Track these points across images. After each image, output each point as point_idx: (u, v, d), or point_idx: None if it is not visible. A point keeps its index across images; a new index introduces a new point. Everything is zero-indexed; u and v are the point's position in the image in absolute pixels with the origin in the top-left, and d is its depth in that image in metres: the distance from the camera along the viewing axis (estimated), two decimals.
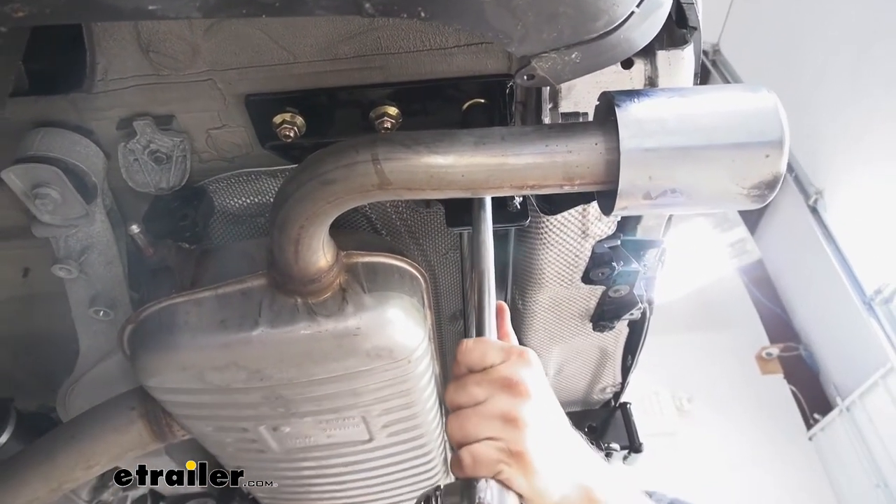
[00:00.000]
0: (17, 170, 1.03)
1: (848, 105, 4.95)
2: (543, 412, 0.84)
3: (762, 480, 5.52)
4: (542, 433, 0.82)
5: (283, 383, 1.09)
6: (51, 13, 0.54)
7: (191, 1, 0.56)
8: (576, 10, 0.68)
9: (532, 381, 0.84)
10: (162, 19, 0.58)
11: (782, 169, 0.80)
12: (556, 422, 0.86)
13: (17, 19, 0.54)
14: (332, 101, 1.06)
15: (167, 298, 1.07)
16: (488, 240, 0.98)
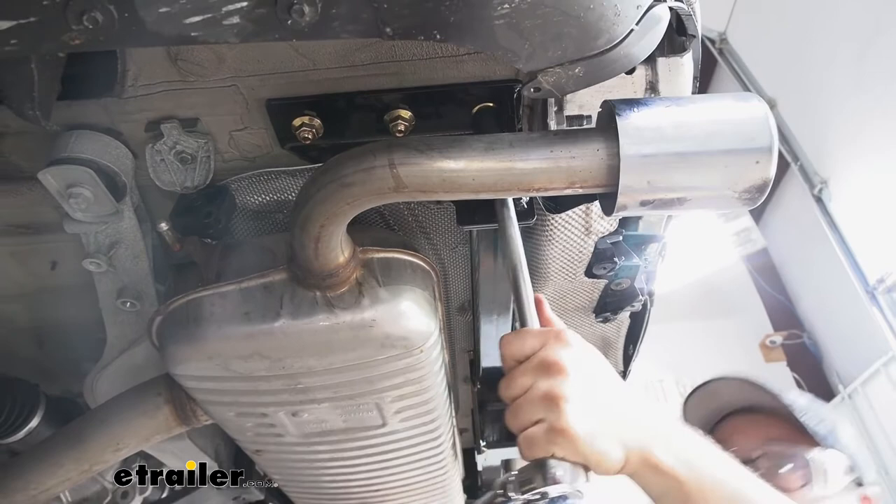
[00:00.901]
0: (52, 171, 1.09)
1: (853, 95, 4.96)
2: (585, 384, 0.88)
3: None
4: (585, 405, 0.86)
5: (303, 372, 1.16)
6: (104, 40, 0.60)
7: (229, 28, 0.62)
8: (579, 31, 0.73)
9: (570, 358, 0.89)
10: (203, 44, 0.64)
11: (772, 174, 0.86)
12: (603, 389, 0.90)
13: (73, 46, 0.60)
14: (348, 104, 1.11)
15: (194, 291, 1.13)
16: (516, 235, 1.04)
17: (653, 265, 1.39)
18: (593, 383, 0.89)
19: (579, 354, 0.91)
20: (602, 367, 0.93)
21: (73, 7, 0.58)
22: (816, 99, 5.35)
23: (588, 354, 0.93)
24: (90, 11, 0.58)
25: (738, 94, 0.90)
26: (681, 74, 1.11)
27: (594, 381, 0.90)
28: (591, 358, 0.92)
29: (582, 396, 0.87)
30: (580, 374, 0.88)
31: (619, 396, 0.91)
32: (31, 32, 0.59)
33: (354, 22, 0.65)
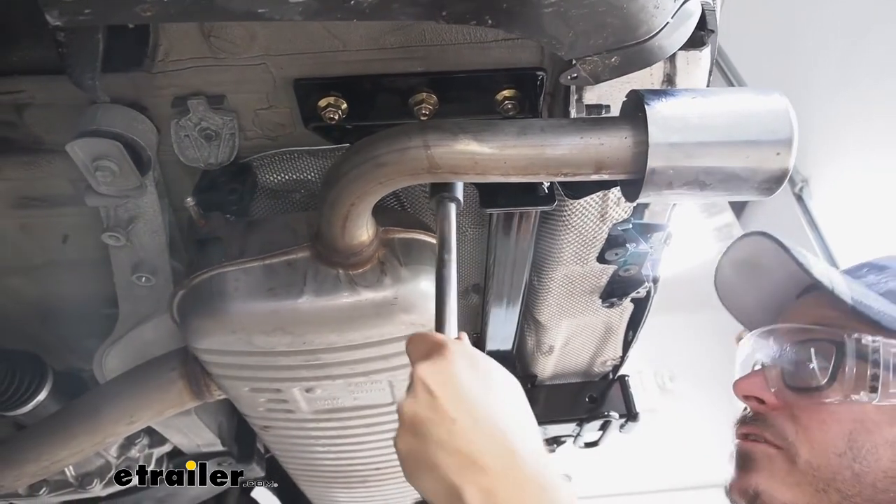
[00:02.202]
0: (80, 143, 1.10)
1: (836, 94, 5.06)
2: (434, 405, 0.75)
3: None
4: (420, 426, 0.74)
5: (323, 348, 1.19)
6: (174, 13, 0.62)
7: (294, 6, 0.64)
8: (621, 21, 0.77)
9: (433, 374, 0.77)
10: (269, 21, 0.66)
11: (790, 165, 0.90)
12: (455, 413, 0.73)
13: (145, 18, 0.62)
14: (374, 86, 1.13)
15: (218, 266, 1.15)
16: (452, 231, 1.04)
17: (658, 253, 1.44)
18: (446, 406, 0.74)
19: (450, 372, 0.77)
20: (472, 390, 0.76)
21: None
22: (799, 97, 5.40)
23: (461, 375, 0.77)
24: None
25: (760, 88, 0.95)
26: (698, 68, 1.15)
27: (450, 403, 0.74)
28: (462, 379, 0.76)
29: (421, 418, 0.74)
30: (434, 393, 0.75)
31: (472, 425, 0.73)
32: (104, 2, 0.61)
33: (413, 4, 0.67)
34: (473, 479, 0.69)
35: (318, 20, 0.65)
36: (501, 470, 0.70)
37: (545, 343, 1.67)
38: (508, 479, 0.69)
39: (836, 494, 0.85)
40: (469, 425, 0.72)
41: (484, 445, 0.71)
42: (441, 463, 0.71)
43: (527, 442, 0.74)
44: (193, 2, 0.61)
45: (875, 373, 0.85)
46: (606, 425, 1.81)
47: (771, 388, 0.97)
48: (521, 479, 0.70)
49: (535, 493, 0.69)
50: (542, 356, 1.73)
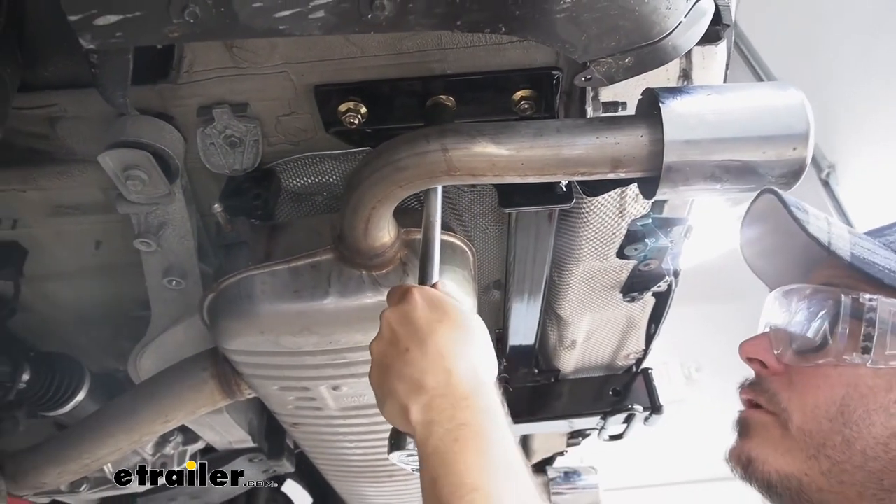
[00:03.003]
0: (111, 154, 1.14)
1: (862, 79, 4.96)
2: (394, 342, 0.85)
3: None
4: (384, 341, 0.85)
5: (349, 347, 1.22)
6: (200, 33, 0.65)
7: (314, 22, 0.66)
8: (633, 23, 0.78)
9: (394, 317, 0.87)
10: (289, 36, 0.68)
11: (808, 160, 0.91)
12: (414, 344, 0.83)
13: (172, 38, 0.65)
14: (393, 91, 1.16)
15: (245, 270, 1.18)
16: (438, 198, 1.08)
17: (678, 247, 1.44)
18: (401, 339, 0.84)
19: (408, 311, 0.87)
20: (425, 325, 0.84)
21: (176, 3, 0.62)
22: (825, 82, 5.35)
23: (417, 313, 0.86)
24: (191, 6, 0.62)
25: (775, 83, 0.95)
26: (714, 63, 1.15)
27: (405, 336, 0.84)
28: (417, 316, 0.86)
29: (383, 353, 0.85)
30: (394, 331, 0.86)
31: (421, 354, 0.82)
32: (135, 26, 0.64)
33: (429, 16, 0.69)
34: (417, 399, 0.79)
35: (337, 34, 0.67)
36: (438, 388, 0.79)
37: (567, 337, 1.69)
38: (445, 396, 0.78)
39: (827, 461, 0.81)
40: (418, 354, 0.82)
41: (427, 369, 0.80)
42: (397, 388, 0.81)
43: (465, 365, 0.81)
44: (218, 22, 0.64)
45: (869, 332, 0.81)
46: (630, 418, 1.82)
47: (775, 351, 0.93)
48: (455, 396, 0.78)
49: (466, 406, 0.77)
50: (564, 350, 1.74)
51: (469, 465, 0.72)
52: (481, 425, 0.75)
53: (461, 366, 0.81)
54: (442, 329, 0.84)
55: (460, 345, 0.84)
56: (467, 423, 0.75)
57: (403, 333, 0.85)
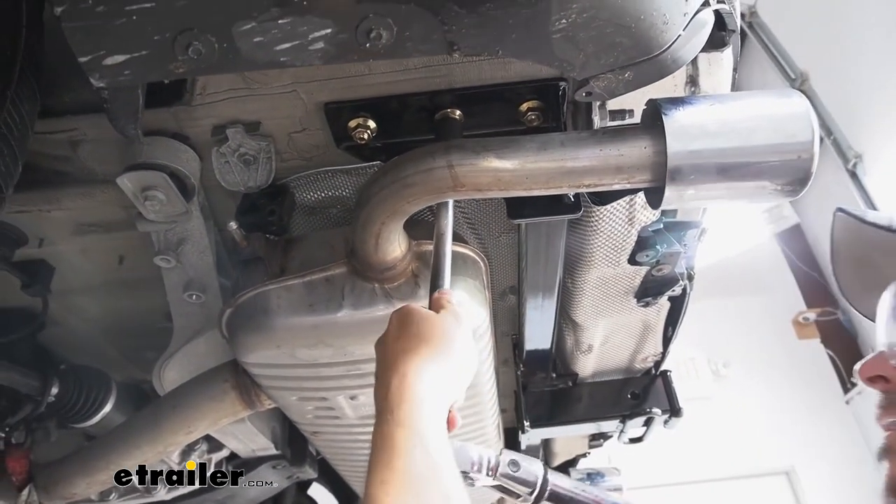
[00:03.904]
0: (130, 176, 1.17)
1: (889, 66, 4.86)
2: None
3: (798, 444, 5.60)
4: None
5: (364, 358, 1.24)
6: (205, 68, 0.67)
7: (314, 52, 0.68)
8: (630, 39, 0.79)
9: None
10: (291, 67, 0.70)
11: (813, 168, 0.90)
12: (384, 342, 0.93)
13: (178, 74, 0.67)
14: (401, 106, 1.17)
15: (261, 285, 1.21)
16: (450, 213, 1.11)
17: (692, 250, 1.44)
18: (382, 354, 0.93)
19: (391, 323, 0.96)
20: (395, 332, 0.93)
21: (180, 41, 0.65)
22: (850, 71, 5.25)
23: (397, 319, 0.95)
24: (194, 43, 0.65)
25: (779, 91, 0.94)
26: (721, 68, 1.15)
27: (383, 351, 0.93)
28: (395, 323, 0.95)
29: (380, 341, 0.94)
30: (380, 343, 0.94)
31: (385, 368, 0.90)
32: (142, 64, 0.66)
33: (426, 42, 0.71)
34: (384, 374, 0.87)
35: (337, 63, 0.69)
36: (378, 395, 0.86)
37: (584, 342, 1.69)
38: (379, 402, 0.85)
39: None
40: (378, 367, 0.91)
41: (379, 379, 0.89)
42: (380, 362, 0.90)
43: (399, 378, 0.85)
44: (221, 57, 0.66)
45: None
46: (650, 422, 1.82)
47: (891, 361, 0.90)
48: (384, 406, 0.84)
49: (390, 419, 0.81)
50: (581, 355, 1.75)
51: (374, 478, 0.76)
52: (394, 437, 0.79)
53: (400, 381, 0.85)
54: (398, 347, 0.90)
55: (410, 358, 0.88)
56: (384, 435, 0.80)
57: (378, 359, 0.93)
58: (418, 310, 0.96)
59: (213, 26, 0.66)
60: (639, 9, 0.78)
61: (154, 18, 0.64)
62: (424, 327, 0.92)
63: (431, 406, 0.84)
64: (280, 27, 0.67)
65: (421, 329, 0.91)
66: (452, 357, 0.91)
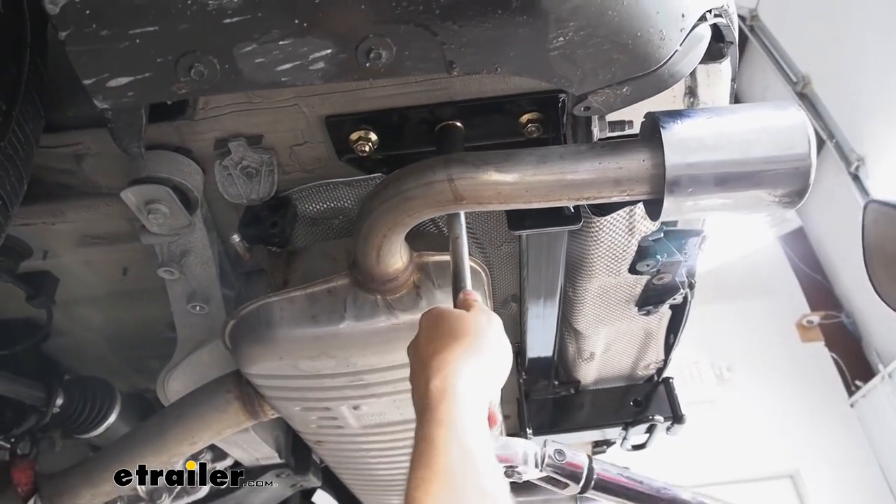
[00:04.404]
0: (133, 190, 1.19)
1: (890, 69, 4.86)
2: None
3: (803, 448, 5.59)
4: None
5: (366, 369, 1.25)
6: (207, 88, 0.68)
7: (315, 72, 0.69)
8: (627, 56, 0.79)
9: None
10: (292, 86, 0.71)
11: (810, 179, 0.91)
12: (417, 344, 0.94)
13: (180, 95, 0.68)
14: (402, 118, 1.18)
15: (264, 297, 1.22)
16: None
17: (693, 259, 1.44)
18: (416, 355, 0.95)
19: (421, 326, 0.97)
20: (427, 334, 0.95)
21: (182, 62, 0.66)
22: (852, 74, 5.25)
23: (428, 321, 0.97)
24: (197, 65, 0.66)
25: (776, 103, 0.95)
26: (720, 79, 1.16)
27: (412, 348, 0.96)
28: (426, 325, 0.96)
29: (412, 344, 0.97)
30: (413, 345, 0.96)
31: (415, 360, 0.94)
32: (145, 85, 0.67)
33: (424, 61, 0.72)
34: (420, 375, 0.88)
35: (337, 82, 0.70)
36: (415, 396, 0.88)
37: (585, 350, 1.70)
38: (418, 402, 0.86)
39: None
40: (414, 366, 0.93)
41: (415, 378, 0.91)
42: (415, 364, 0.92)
43: (440, 377, 0.86)
44: (223, 78, 0.67)
45: None
46: (652, 429, 1.82)
47: None
48: (424, 404, 0.84)
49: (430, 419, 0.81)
50: (583, 362, 1.75)
51: (414, 476, 0.75)
52: (433, 436, 0.78)
53: (435, 380, 0.86)
54: (432, 348, 0.91)
55: (453, 349, 0.89)
56: (423, 436, 0.79)
57: (412, 361, 0.95)
58: (449, 310, 0.97)
59: (214, 48, 0.67)
60: (636, 26, 0.78)
61: (157, 41, 0.65)
62: (457, 326, 0.92)
63: (470, 404, 0.84)
64: (281, 48, 0.68)
65: (454, 328, 0.92)
66: (487, 353, 0.92)
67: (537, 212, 1.17)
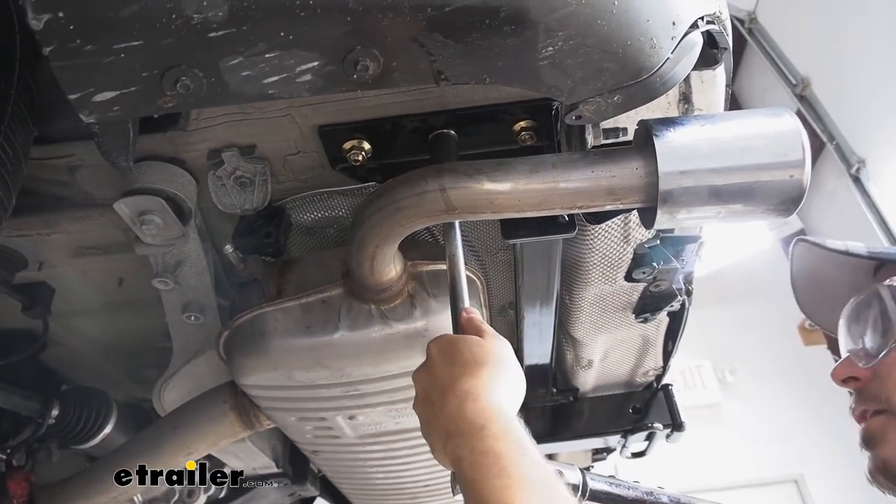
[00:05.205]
0: (126, 201, 1.18)
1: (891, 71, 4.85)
2: (428, 385, 0.92)
3: (807, 451, 5.57)
4: (418, 400, 0.92)
5: (361, 379, 1.24)
6: (193, 102, 0.68)
7: (302, 84, 0.69)
8: (618, 64, 0.79)
9: (429, 358, 0.95)
10: (279, 99, 0.71)
11: (805, 186, 0.90)
12: (434, 382, 0.90)
13: (167, 109, 0.68)
14: (395, 127, 1.18)
15: (257, 307, 1.22)
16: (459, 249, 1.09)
17: (690, 265, 1.43)
18: (428, 391, 0.92)
19: (428, 369, 0.94)
20: (442, 367, 0.92)
21: (168, 76, 0.65)
22: (852, 76, 5.24)
23: (440, 349, 0.94)
24: (182, 79, 0.65)
25: (770, 110, 0.95)
26: (714, 86, 1.16)
27: (429, 388, 0.92)
28: (441, 353, 0.94)
29: (420, 409, 0.92)
30: (424, 390, 0.93)
31: (440, 400, 0.88)
32: (131, 100, 0.67)
33: (412, 72, 0.71)
34: (447, 442, 0.84)
35: (325, 94, 0.70)
36: (459, 427, 0.83)
37: (583, 357, 1.69)
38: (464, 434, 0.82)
39: None
40: (441, 404, 0.88)
41: (450, 414, 0.86)
42: (434, 438, 0.88)
43: (479, 401, 0.85)
44: (209, 91, 0.67)
45: None
46: (652, 436, 1.81)
47: (860, 364, 1.00)
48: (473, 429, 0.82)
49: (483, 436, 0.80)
50: (581, 370, 1.74)
51: (493, 486, 0.75)
52: (499, 449, 0.78)
53: (477, 398, 0.85)
54: (458, 369, 0.90)
55: (478, 376, 0.88)
56: (485, 450, 0.78)
57: (428, 390, 0.92)
58: (464, 337, 0.96)
59: (200, 62, 0.66)
60: (626, 34, 0.78)
61: (142, 56, 0.65)
62: (477, 352, 0.92)
63: (515, 420, 0.85)
64: (267, 61, 0.67)
65: (475, 354, 0.91)
66: (510, 377, 0.92)
67: (531, 220, 1.16)
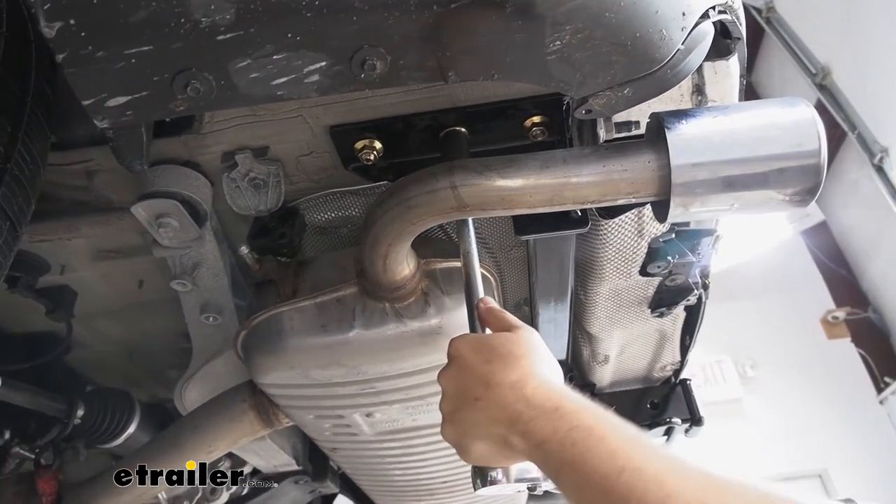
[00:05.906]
0: (143, 205, 1.20)
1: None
2: (458, 392, 0.87)
3: (831, 445, 5.49)
4: (452, 412, 0.87)
5: (377, 377, 1.25)
6: (204, 105, 0.69)
7: (310, 85, 0.69)
8: (627, 57, 0.78)
9: (450, 363, 0.91)
10: (288, 100, 0.71)
11: (821, 177, 0.89)
12: (473, 388, 0.85)
13: (179, 112, 0.69)
14: (406, 126, 1.18)
15: (274, 307, 1.23)
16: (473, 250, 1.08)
17: (706, 259, 1.42)
18: (465, 389, 0.87)
19: (459, 368, 0.90)
20: (477, 363, 0.87)
21: (178, 80, 0.66)
22: (874, 63, 5.15)
23: (471, 347, 0.91)
24: (193, 82, 0.66)
25: (785, 99, 0.93)
26: (728, 77, 1.14)
27: (466, 385, 0.87)
28: (473, 350, 0.90)
29: (453, 408, 0.88)
30: (458, 389, 0.88)
31: (487, 393, 0.84)
32: (143, 104, 0.68)
33: (420, 70, 0.72)
34: (513, 431, 0.80)
35: (333, 94, 0.70)
36: (527, 412, 0.79)
37: (600, 353, 1.68)
38: (537, 418, 0.78)
39: None
40: (489, 396, 0.84)
41: (506, 403, 0.82)
42: (484, 435, 0.83)
43: (536, 382, 0.82)
44: (219, 94, 0.68)
45: None
46: (670, 431, 1.79)
47: None
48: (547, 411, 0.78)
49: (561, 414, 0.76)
50: (598, 365, 1.74)
51: (601, 455, 0.71)
52: (587, 421, 0.75)
53: (534, 384, 0.82)
54: (497, 364, 0.86)
55: (522, 367, 0.85)
56: (574, 425, 0.75)
57: (466, 387, 0.86)
58: (494, 334, 0.93)
59: (209, 65, 0.67)
60: (634, 26, 0.77)
61: (152, 60, 0.66)
62: (512, 346, 0.88)
63: (567, 389, 0.81)
64: (275, 62, 0.68)
65: (509, 348, 0.88)
66: (547, 364, 0.89)
67: (544, 216, 1.16)
